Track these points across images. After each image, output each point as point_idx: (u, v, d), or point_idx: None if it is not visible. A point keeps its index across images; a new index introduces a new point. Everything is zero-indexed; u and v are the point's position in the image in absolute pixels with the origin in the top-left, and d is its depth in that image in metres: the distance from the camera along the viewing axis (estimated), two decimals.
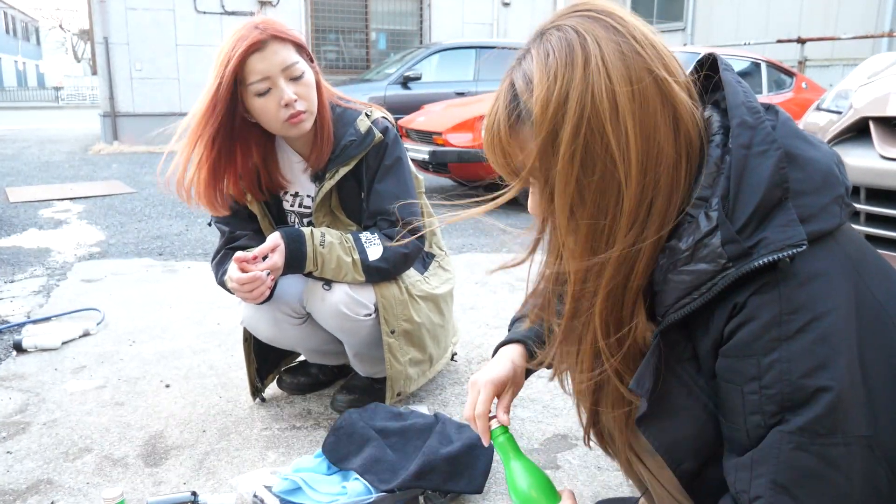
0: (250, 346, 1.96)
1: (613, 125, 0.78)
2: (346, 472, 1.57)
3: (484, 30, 11.53)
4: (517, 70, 0.85)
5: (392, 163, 1.77)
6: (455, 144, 5.28)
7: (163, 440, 1.83)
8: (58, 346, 2.46)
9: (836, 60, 10.30)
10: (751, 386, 0.77)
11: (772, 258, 0.75)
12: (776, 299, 0.75)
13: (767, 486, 0.76)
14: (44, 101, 32.60)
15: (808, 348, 0.75)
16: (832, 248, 0.79)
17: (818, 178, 0.80)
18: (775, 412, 0.76)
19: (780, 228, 0.76)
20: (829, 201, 0.79)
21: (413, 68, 7.72)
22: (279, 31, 1.63)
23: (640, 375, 0.84)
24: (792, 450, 0.75)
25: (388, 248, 1.72)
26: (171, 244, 4.12)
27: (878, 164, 2.15)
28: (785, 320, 0.75)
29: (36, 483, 1.63)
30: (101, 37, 9.64)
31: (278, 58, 1.61)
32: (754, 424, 0.78)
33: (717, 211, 0.78)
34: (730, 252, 0.76)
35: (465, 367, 2.30)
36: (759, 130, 0.80)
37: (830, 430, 0.74)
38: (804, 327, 0.75)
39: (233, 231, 1.82)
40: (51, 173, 7.39)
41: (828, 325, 0.75)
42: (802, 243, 0.75)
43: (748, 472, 0.78)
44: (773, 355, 0.75)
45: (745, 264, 0.76)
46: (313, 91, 1.69)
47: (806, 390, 0.74)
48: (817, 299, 0.75)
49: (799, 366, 0.75)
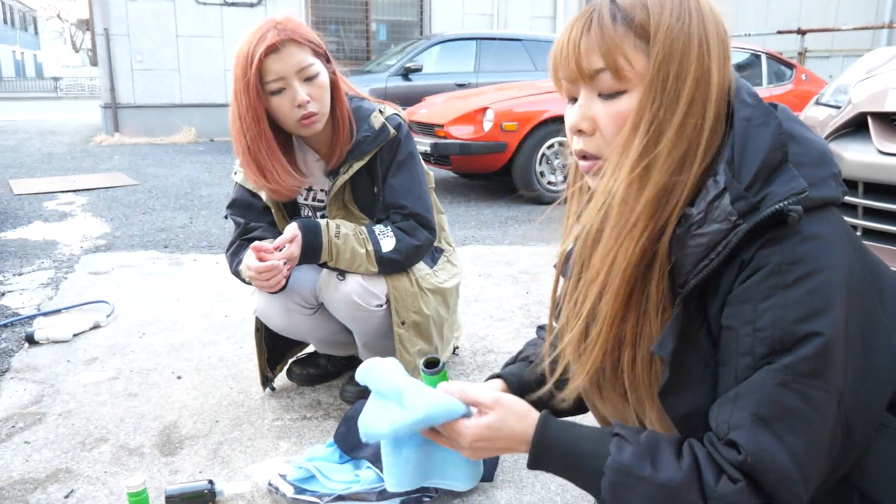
0: (262, 336, 2.00)
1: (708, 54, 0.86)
2: (358, 460, 1.62)
3: (484, 20, 11.51)
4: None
5: (405, 158, 1.82)
6: (456, 137, 5.31)
7: (177, 430, 1.88)
8: (69, 338, 2.50)
9: (837, 51, 10.30)
10: (746, 329, 0.81)
11: (779, 206, 0.79)
12: (778, 251, 0.80)
13: (748, 418, 0.80)
14: (42, 92, 32.52)
15: (803, 298, 0.79)
16: (831, 219, 0.84)
17: (815, 154, 0.86)
18: (765, 354, 0.80)
19: (783, 183, 0.81)
20: (826, 175, 0.85)
21: (414, 59, 7.71)
22: (297, 32, 1.67)
23: (664, 338, 0.87)
24: (775, 386, 0.79)
25: (400, 241, 1.77)
26: (175, 236, 4.16)
27: (876, 158, 2.19)
28: (784, 269, 0.80)
29: (55, 472, 1.68)
30: (102, 28, 9.63)
31: (294, 59, 1.65)
32: (744, 366, 0.81)
33: (724, 174, 0.83)
34: (739, 208, 0.81)
35: (470, 358, 2.35)
36: (759, 107, 0.87)
37: (814, 372, 0.78)
38: (802, 278, 0.79)
39: (248, 223, 1.86)
40: (53, 165, 7.42)
41: (824, 279, 0.79)
42: (805, 191, 0.80)
43: (731, 404, 0.82)
44: (769, 301, 0.80)
45: (754, 217, 0.80)
46: (327, 93, 1.73)
47: (797, 334, 0.79)
48: (816, 256, 0.80)
49: (793, 312, 0.79)
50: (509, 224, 4.60)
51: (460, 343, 2.43)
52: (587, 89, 0.90)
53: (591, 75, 0.88)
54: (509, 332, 2.60)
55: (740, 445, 0.80)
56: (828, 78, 7.34)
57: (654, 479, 0.83)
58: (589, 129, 0.91)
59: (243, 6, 10.27)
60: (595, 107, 0.90)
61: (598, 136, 0.91)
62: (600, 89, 0.88)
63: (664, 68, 0.84)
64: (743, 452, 0.79)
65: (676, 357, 0.87)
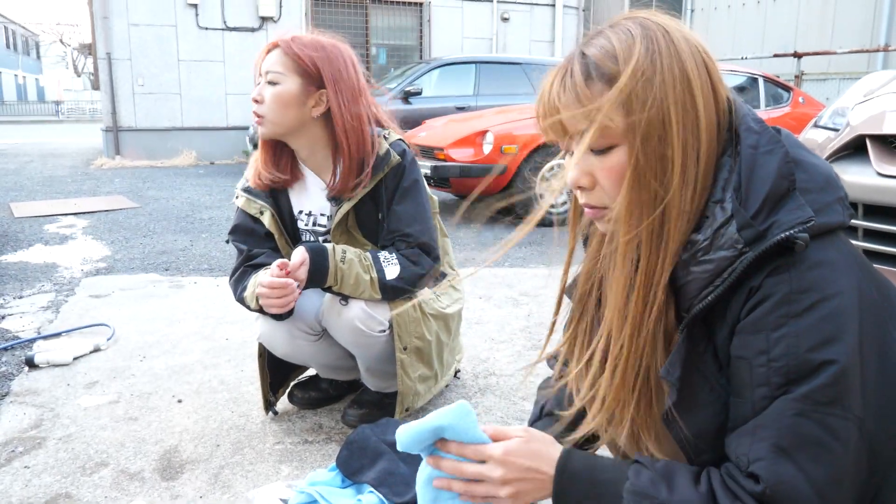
0: (265, 361, 2.00)
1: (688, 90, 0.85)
2: (360, 485, 1.60)
3: (483, 44, 11.64)
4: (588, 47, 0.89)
5: (409, 185, 1.82)
6: (456, 159, 5.34)
7: (178, 454, 1.86)
8: (69, 361, 2.49)
9: (833, 74, 10.40)
10: (759, 359, 0.81)
11: (785, 235, 0.79)
12: (787, 280, 0.80)
13: (768, 449, 0.79)
14: (44, 115, 32.73)
15: (816, 325, 0.79)
16: (838, 243, 0.84)
17: (821, 180, 0.86)
18: (781, 384, 0.80)
19: (790, 211, 0.82)
20: (832, 200, 0.85)
21: (414, 83, 7.78)
22: (293, 44, 1.74)
23: (671, 363, 0.88)
24: (794, 416, 0.79)
25: (405, 269, 1.77)
26: (176, 259, 4.16)
27: (875, 180, 2.20)
28: (794, 299, 0.80)
29: (55, 497, 1.66)
30: (104, 52, 9.72)
31: (270, 62, 1.76)
32: (760, 396, 0.81)
33: (731, 202, 0.84)
34: (746, 237, 0.82)
35: (472, 381, 2.34)
36: (765, 134, 0.87)
37: (832, 400, 0.78)
38: (812, 306, 0.79)
39: (250, 249, 1.86)
40: (54, 188, 7.44)
41: (835, 305, 0.80)
42: (811, 220, 0.80)
43: (750, 436, 0.82)
44: (781, 330, 0.80)
45: (760, 245, 0.81)
46: (280, 105, 1.75)
47: (812, 363, 0.79)
48: (826, 282, 0.80)
49: (806, 340, 0.79)
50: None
51: (462, 366, 2.42)
52: (578, 145, 0.91)
53: (579, 134, 0.89)
54: (511, 354, 2.59)
55: (761, 477, 0.79)
56: (825, 100, 7.41)
57: (670, 500, 0.83)
58: (589, 184, 0.92)
59: (245, 31, 10.38)
60: (590, 162, 0.91)
61: (598, 190, 0.92)
62: (591, 145, 0.89)
63: (646, 117, 0.84)
64: (762, 484, 0.79)
65: (683, 381, 0.87)
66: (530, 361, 1.19)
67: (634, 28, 0.88)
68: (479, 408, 2.13)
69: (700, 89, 0.86)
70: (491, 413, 2.10)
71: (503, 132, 5.28)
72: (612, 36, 0.88)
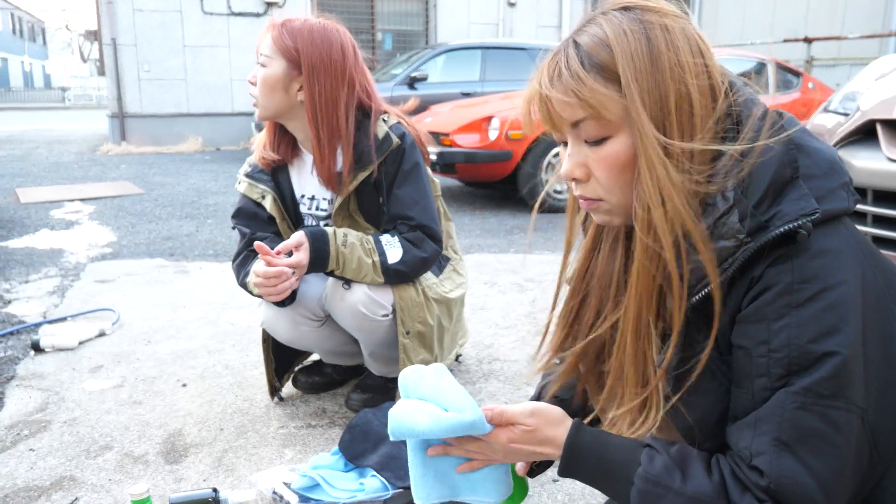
0: (269, 346, 2.00)
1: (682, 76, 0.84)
2: (362, 469, 1.61)
3: (489, 30, 11.55)
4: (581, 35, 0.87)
5: (410, 168, 1.80)
6: (462, 145, 5.31)
7: (182, 438, 1.87)
8: (74, 345, 2.50)
9: (843, 60, 10.30)
10: (760, 349, 0.80)
11: (788, 227, 0.78)
12: (789, 269, 0.79)
13: (770, 444, 0.79)
14: (50, 102, 32.73)
15: (817, 315, 0.78)
16: (842, 230, 0.83)
17: (825, 165, 0.84)
18: (782, 375, 0.79)
19: (793, 202, 0.80)
20: (836, 185, 0.83)
21: (419, 69, 7.73)
22: (282, 28, 1.73)
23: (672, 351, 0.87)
24: (795, 409, 0.78)
25: (407, 252, 1.76)
26: (181, 245, 4.17)
27: (885, 166, 2.18)
28: (796, 289, 0.78)
29: (59, 480, 1.67)
30: (109, 38, 9.70)
31: (263, 44, 1.75)
32: (760, 387, 0.80)
33: (733, 191, 0.82)
34: (747, 226, 0.80)
35: (476, 366, 2.33)
36: (767, 119, 0.85)
37: (833, 392, 0.77)
38: (814, 296, 0.78)
39: (253, 233, 1.86)
40: (60, 174, 7.46)
41: (837, 295, 0.78)
42: (815, 212, 0.78)
43: (751, 430, 0.81)
44: (783, 321, 0.79)
45: (762, 236, 0.79)
46: (266, 88, 1.74)
47: (813, 354, 0.77)
48: (828, 271, 0.79)
49: (807, 331, 0.78)
50: (514, 232, 4.59)
51: (466, 351, 2.42)
52: (573, 136, 0.90)
53: (574, 124, 0.88)
54: (515, 340, 2.59)
55: (764, 471, 0.79)
56: (834, 86, 7.33)
57: (684, 490, 0.83)
58: (583, 175, 0.91)
59: (249, 16, 10.33)
60: (584, 153, 0.89)
61: (593, 182, 0.90)
62: (585, 136, 0.88)
63: (641, 105, 0.83)
64: (766, 478, 0.78)
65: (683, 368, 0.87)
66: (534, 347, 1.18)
67: (627, 15, 0.86)
68: (482, 393, 2.12)
69: (695, 76, 0.84)
70: (495, 398, 2.09)
71: (509, 118, 5.25)
72: (605, 23, 0.86)
